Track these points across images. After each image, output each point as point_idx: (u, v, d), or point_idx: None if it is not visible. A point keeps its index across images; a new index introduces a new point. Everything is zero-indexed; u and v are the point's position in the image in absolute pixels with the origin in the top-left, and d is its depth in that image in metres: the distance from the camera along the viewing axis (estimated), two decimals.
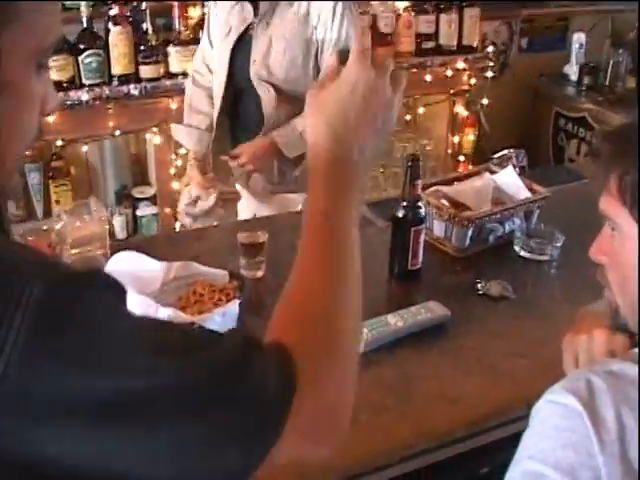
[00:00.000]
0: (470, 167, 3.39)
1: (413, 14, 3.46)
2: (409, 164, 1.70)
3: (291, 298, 0.83)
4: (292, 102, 2.21)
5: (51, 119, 2.70)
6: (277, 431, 0.71)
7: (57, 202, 3.01)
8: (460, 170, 3.53)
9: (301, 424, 0.73)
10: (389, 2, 3.43)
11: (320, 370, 0.77)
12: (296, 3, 2.21)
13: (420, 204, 1.74)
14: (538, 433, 0.90)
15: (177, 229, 2.30)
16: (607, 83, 3.97)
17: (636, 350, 0.97)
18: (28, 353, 0.61)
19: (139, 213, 3.19)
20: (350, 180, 0.88)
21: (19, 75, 0.74)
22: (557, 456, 0.85)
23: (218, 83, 2.37)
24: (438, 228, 1.92)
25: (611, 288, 1.04)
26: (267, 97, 2.25)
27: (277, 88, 2.24)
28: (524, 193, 2.01)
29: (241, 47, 2.30)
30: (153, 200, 3.19)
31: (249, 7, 2.27)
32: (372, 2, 3.42)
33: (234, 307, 1.55)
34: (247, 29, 2.28)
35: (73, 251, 1.67)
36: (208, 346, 0.72)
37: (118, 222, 3.13)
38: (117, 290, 0.69)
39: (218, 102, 2.36)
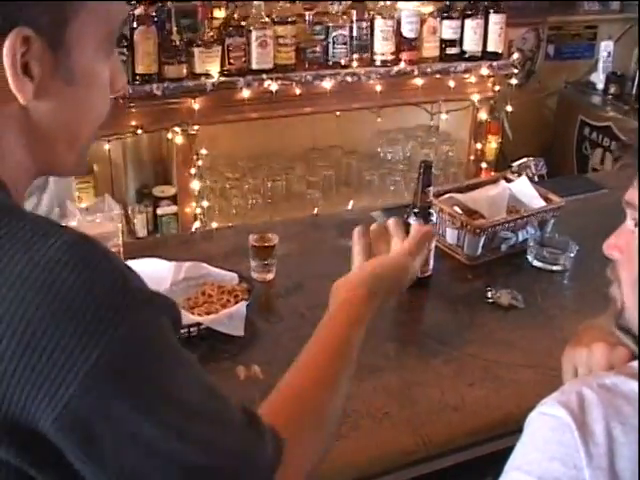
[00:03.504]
0: (492, 174, 3.37)
1: (438, 19, 3.45)
2: (421, 171, 1.70)
3: (288, 392, 0.94)
4: None
5: None
6: None
7: (79, 199, 3.03)
8: (482, 177, 3.51)
9: None
10: (414, 7, 3.42)
11: (298, 450, 0.87)
12: None
13: (431, 211, 1.73)
14: (527, 444, 0.89)
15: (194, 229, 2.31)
16: (634, 92, 3.93)
17: (634, 363, 0.96)
18: (96, 385, 0.66)
19: (159, 212, 3.20)
20: (368, 315, 1.06)
21: (90, 64, 0.77)
22: (544, 468, 0.84)
23: None
24: (450, 236, 1.92)
25: (621, 286, 1.00)
26: None
27: None
28: (539, 202, 2.00)
29: None
30: (174, 199, 3.20)
31: None
32: (397, 6, 3.42)
33: (241, 309, 1.55)
34: None
35: None
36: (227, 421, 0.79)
37: (139, 220, 3.16)
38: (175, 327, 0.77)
39: None
